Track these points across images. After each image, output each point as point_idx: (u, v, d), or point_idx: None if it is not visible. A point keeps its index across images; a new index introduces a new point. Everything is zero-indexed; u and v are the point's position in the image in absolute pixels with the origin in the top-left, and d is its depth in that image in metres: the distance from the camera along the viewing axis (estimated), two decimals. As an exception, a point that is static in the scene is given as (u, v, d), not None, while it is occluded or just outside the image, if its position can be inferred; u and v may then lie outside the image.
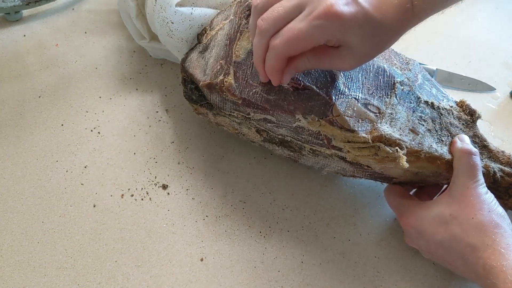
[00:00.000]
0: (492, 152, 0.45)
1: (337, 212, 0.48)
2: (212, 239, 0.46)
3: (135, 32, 0.56)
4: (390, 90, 0.42)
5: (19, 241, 0.45)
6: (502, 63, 0.63)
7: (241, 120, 0.44)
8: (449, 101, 0.45)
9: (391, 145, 0.40)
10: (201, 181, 0.49)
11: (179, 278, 0.43)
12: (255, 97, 0.41)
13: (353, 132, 0.39)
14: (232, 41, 0.42)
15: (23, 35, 0.61)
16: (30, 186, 0.48)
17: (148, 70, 0.59)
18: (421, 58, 0.61)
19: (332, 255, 0.45)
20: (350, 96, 0.40)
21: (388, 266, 0.45)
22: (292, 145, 0.44)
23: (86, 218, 0.46)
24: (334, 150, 0.42)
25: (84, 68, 0.58)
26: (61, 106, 0.54)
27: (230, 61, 0.42)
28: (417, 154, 0.41)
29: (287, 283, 0.43)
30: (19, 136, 0.51)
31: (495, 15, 0.69)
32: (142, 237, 0.45)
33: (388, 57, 0.45)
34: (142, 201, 0.48)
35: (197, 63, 0.46)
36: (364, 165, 0.42)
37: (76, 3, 0.66)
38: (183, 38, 0.50)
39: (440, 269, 0.45)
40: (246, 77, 0.41)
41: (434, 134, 0.42)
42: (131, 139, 0.52)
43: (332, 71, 0.41)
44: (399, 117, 0.41)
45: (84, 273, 0.43)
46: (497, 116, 0.57)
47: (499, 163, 0.44)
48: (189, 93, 0.46)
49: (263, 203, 0.48)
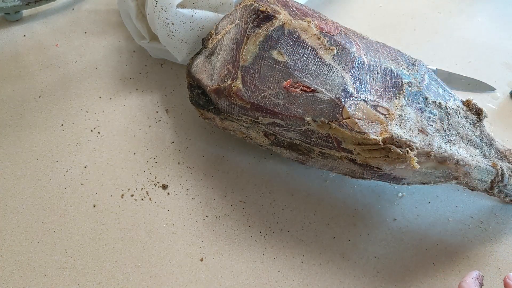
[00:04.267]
0: (500, 150, 0.45)
1: (337, 212, 0.48)
2: (212, 239, 0.46)
3: (135, 32, 0.56)
4: (398, 91, 0.42)
5: (19, 241, 0.45)
6: (502, 63, 0.63)
7: (249, 124, 0.44)
8: (455, 101, 0.45)
9: (401, 147, 0.40)
10: (201, 181, 0.49)
11: (179, 278, 0.43)
12: (263, 101, 0.41)
13: (363, 134, 0.39)
14: (239, 45, 0.42)
15: (23, 35, 0.61)
16: (30, 186, 0.48)
17: (148, 70, 0.59)
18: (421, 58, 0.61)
19: (332, 255, 0.45)
20: (359, 98, 0.40)
21: (388, 266, 0.45)
22: (301, 148, 0.44)
23: (86, 218, 0.46)
24: (344, 152, 0.42)
25: (84, 68, 0.58)
26: (61, 106, 0.54)
27: (237, 65, 0.42)
28: (427, 155, 0.41)
29: (287, 283, 0.43)
30: (19, 136, 0.51)
31: (495, 15, 0.69)
32: (142, 237, 0.45)
33: (394, 58, 0.45)
34: (142, 201, 0.48)
35: (204, 68, 0.46)
36: (374, 167, 0.42)
37: (76, 3, 0.66)
38: (183, 39, 0.50)
39: (440, 269, 0.45)
40: (254, 81, 0.41)
41: (443, 134, 0.42)
42: (131, 139, 0.52)
43: (340, 72, 0.41)
44: (408, 118, 0.41)
45: (84, 273, 0.43)
46: (497, 116, 0.57)
47: (507, 161, 0.45)
48: (196, 98, 0.46)
49: (263, 203, 0.48)
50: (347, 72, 0.41)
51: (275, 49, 0.42)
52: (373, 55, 0.44)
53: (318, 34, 0.43)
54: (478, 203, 0.49)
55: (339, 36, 0.44)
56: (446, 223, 0.48)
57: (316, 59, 0.42)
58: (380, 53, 0.45)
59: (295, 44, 0.42)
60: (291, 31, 0.43)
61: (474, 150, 0.44)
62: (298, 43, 0.42)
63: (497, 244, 0.46)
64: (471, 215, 0.48)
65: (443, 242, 0.46)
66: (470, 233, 0.47)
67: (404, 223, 0.47)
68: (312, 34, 0.43)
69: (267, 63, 0.42)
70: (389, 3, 0.70)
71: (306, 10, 0.46)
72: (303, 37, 0.43)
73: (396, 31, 0.66)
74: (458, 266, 0.45)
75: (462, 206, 0.49)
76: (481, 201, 0.49)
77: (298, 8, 0.45)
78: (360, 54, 0.43)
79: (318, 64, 0.42)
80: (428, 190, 0.50)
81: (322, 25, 0.44)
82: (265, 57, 0.42)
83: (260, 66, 0.42)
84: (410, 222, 0.48)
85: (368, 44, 0.45)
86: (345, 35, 0.44)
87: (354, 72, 0.42)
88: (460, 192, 0.50)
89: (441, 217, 0.48)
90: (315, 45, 0.42)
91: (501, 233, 0.47)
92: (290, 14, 0.44)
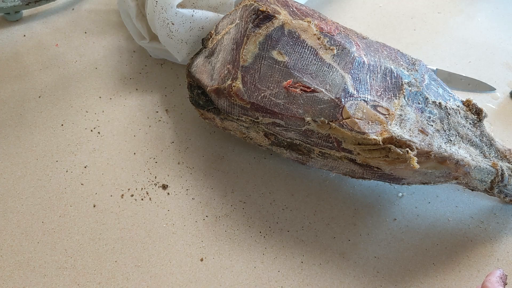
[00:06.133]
0: (500, 150, 0.45)
1: (337, 212, 0.48)
2: (212, 239, 0.46)
3: (135, 32, 0.56)
4: (398, 91, 0.42)
5: (19, 241, 0.45)
6: (502, 63, 0.63)
7: (249, 124, 0.44)
8: (455, 101, 0.45)
9: (401, 147, 0.40)
10: (201, 181, 0.49)
11: (179, 278, 0.43)
12: (263, 101, 0.41)
13: (363, 134, 0.39)
14: (239, 45, 0.42)
15: (23, 35, 0.61)
16: (30, 186, 0.48)
17: (148, 70, 0.59)
18: (421, 58, 0.61)
19: (332, 255, 0.45)
20: (359, 98, 0.40)
21: (388, 266, 0.45)
22: (301, 148, 0.44)
23: (86, 218, 0.46)
24: (344, 152, 0.42)
25: (84, 68, 0.58)
26: (61, 106, 0.54)
27: (237, 65, 0.42)
28: (427, 155, 0.41)
29: (287, 283, 0.43)
30: (19, 136, 0.51)
31: (495, 15, 0.69)
32: (142, 237, 0.45)
33: (394, 57, 0.45)
34: (142, 201, 0.48)
35: (204, 68, 0.46)
36: (374, 167, 0.42)
37: (76, 3, 0.66)
38: (183, 39, 0.50)
39: (440, 269, 0.45)
40: (254, 81, 0.41)
41: (443, 134, 0.42)
42: (131, 139, 0.52)
43: (340, 72, 0.41)
44: (408, 118, 0.41)
45: (84, 273, 0.43)
46: (497, 116, 0.57)
47: (507, 161, 0.45)
48: (196, 98, 0.46)
49: (263, 203, 0.48)
50: (347, 72, 0.41)
51: (275, 49, 0.42)
52: (373, 55, 0.44)
53: (318, 34, 0.43)
54: (478, 203, 0.49)
55: (339, 36, 0.44)
56: (446, 223, 0.48)
57: (316, 59, 0.42)
58: (380, 53, 0.45)
59: (295, 44, 0.42)
60: (291, 31, 0.43)
61: (474, 150, 0.44)
62: (298, 43, 0.42)
63: (497, 244, 0.46)
64: (471, 215, 0.48)
65: (443, 242, 0.46)
66: (470, 233, 0.47)
67: (404, 223, 0.47)
68: (312, 34, 0.43)
69: (267, 63, 0.42)
70: (389, 3, 0.70)
71: (306, 10, 0.46)
72: (303, 37, 0.43)
73: (396, 31, 0.66)
74: (458, 266, 0.45)
75: (462, 206, 0.49)
76: (481, 201, 0.49)
77: (298, 8, 0.45)
78: (360, 54, 0.43)
79: (318, 64, 0.42)
80: (428, 190, 0.50)
81: (322, 25, 0.44)
82: (265, 57, 0.42)
83: (260, 66, 0.42)
84: (410, 222, 0.48)
85: (368, 44, 0.45)
86: (345, 35, 0.44)
87: (354, 72, 0.42)
88: (460, 192, 0.50)
89: (441, 217, 0.48)
90: (315, 45, 0.42)
91: (501, 233, 0.47)
92: (290, 14, 0.44)
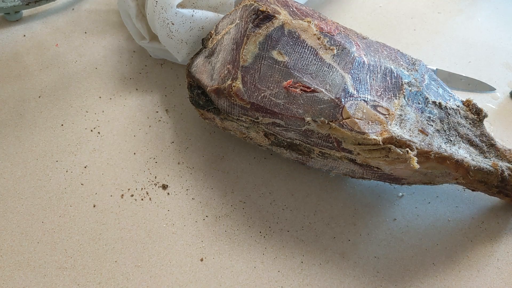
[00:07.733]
0: (500, 150, 0.45)
1: (337, 212, 0.48)
2: (212, 239, 0.46)
3: (135, 33, 0.56)
4: (398, 91, 0.42)
5: (19, 241, 0.45)
6: (502, 63, 0.63)
7: (249, 124, 0.44)
8: (455, 101, 0.45)
9: (401, 147, 0.40)
10: (201, 181, 0.49)
11: (179, 278, 0.43)
12: (263, 101, 0.41)
13: (363, 134, 0.39)
14: (239, 45, 0.42)
15: (23, 35, 0.61)
16: (30, 186, 0.48)
17: (148, 70, 0.59)
18: (421, 58, 0.61)
19: (332, 255, 0.45)
20: (359, 98, 0.40)
21: (388, 266, 0.45)
22: (301, 148, 0.44)
23: (86, 218, 0.46)
24: (344, 152, 0.42)
25: (84, 68, 0.58)
26: (61, 106, 0.54)
27: (237, 65, 0.42)
28: (427, 155, 0.41)
29: (287, 283, 0.43)
30: (19, 136, 0.51)
31: (495, 15, 0.69)
32: (142, 237, 0.45)
33: (394, 58, 0.45)
34: (142, 201, 0.48)
35: (204, 68, 0.46)
36: (374, 167, 0.42)
37: (76, 3, 0.66)
38: (183, 39, 0.50)
39: (440, 269, 0.45)
40: (254, 81, 0.41)
41: (443, 134, 0.43)
42: (131, 139, 0.52)
43: (340, 72, 0.41)
44: (408, 118, 0.41)
45: (84, 273, 0.43)
46: (497, 116, 0.57)
47: (507, 161, 0.44)
48: (196, 99, 0.46)
49: (263, 203, 0.48)
50: (347, 72, 0.41)
51: (275, 49, 0.42)
52: (373, 55, 0.44)
53: (318, 34, 0.43)
54: (478, 203, 0.49)
55: (339, 36, 0.44)
56: (446, 223, 0.48)
57: (316, 59, 0.42)
58: (380, 53, 0.45)
59: (295, 44, 0.42)
60: (291, 31, 0.43)
61: (474, 150, 0.44)
62: (298, 43, 0.42)
63: (497, 244, 0.46)
64: (471, 215, 0.48)
65: (443, 242, 0.46)
66: (470, 233, 0.47)
67: (404, 223, 0.47)
68: (312, 34, 0.43)
69: (267, 63, 0.42)
70: (389, 3, 0.70)
71: (306, 10, 0.46)
72: (303, 37, 0.43)
73: (396, 31, 0.66)
74: (458, 266, 0.45)
75: (462, 206, 0.49)
76: (481, 201, 0.49)
77: (298, 8, 0.45)
78: (360, 54, 0.43)
79: (318, 64, 0.42)
80: (428, 190, 0.50)
81: (322, 25, 0.44)
82: (265, 57, 0.42)
83: (260, 66, 0.42)
84: (410, 222, 0.48)
85: (368, 44, 0.45)
86: (345, 35, 0.44)
87: (354, 72, 0.42)
88: (460, 192, 0.50)
89: (441, 217, 0.48)
90: (315, 45, 0.42)
91: (501, 233, 0.47)
92: (290, 14, 0.44)
